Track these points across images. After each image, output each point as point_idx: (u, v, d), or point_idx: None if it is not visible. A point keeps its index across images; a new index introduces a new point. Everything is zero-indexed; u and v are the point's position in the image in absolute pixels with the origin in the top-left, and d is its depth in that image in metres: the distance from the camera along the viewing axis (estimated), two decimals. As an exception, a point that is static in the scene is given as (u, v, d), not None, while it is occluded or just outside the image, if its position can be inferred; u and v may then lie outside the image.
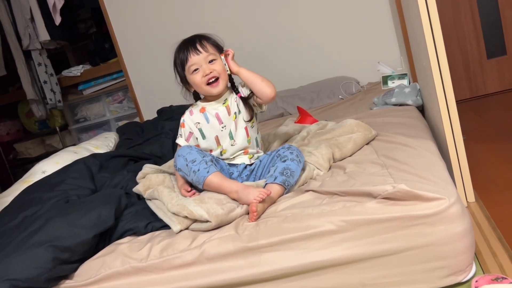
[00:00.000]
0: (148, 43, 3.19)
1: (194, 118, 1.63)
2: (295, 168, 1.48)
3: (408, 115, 2.00)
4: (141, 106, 3.34)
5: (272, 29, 3.03)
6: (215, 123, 1.60)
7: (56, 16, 3.25)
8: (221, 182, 1.46)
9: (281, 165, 1.48)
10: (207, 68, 1.54)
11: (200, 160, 1.49)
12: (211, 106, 1.61)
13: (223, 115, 1.60)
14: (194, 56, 1.54)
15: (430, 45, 1.54)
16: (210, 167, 1.48)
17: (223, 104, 1.61)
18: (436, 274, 1.19)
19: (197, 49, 1.54)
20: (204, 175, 1.46)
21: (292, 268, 1.25)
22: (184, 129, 1.65)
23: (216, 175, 1.47)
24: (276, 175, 1.46)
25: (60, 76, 3.58)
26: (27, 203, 1.70)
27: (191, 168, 1.49)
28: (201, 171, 1.47)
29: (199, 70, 1.54)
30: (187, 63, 1.55)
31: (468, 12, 2.84)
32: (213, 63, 1.55)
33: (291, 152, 1.51)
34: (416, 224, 1.17)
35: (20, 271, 1.28)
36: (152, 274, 1.33)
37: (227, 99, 1.61)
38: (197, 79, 1.54)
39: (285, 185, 1.45)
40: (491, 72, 2.90)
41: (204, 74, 1.53)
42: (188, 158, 1.50)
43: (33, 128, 3.87)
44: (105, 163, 1.98)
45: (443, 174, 1.33)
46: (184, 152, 1.52)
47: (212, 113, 1.60)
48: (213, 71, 1.54)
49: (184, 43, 1.58)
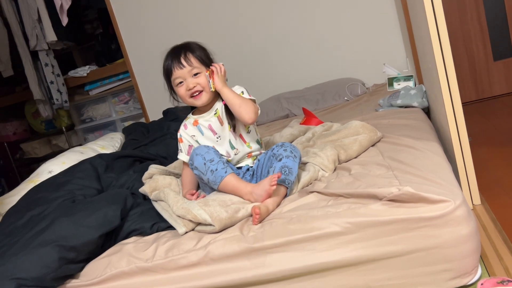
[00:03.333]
0: (154, 44, 3.20)
1: (189, 131, 1.64)
2: (292, 165, 1.47)
3: (414, 117, 1.99)
4: (147, 107, 3.35)
5: (278, 30, 3.03)
6: (210, 134, 1.61)
7: (63, 17, 3.27)
8: (238, 183, 1.46)
9: (278, 164, 1.47)
10: (191, 82, 1.54)
11: (218, 160, 1.49)
12: (203, 118, 1.62)
13: (216, 126, 1.60)
14: (178, 70, 1.54)
15: (436, 47, 1.54)
16: (227, 168, 1.48)
17: (214, 115, 1.61)
18: (441, 276, 1.19)
19: (181, 63, 1.54)
20: (222, 175, 1.46)
21: (297, 269, 1.25)
22: (183, 144, 1.65)
23: (233, 176, 1.47)
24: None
25: (67, 76, 3.60)
26: (33, 202, 1.71)
27: (209, 167, 1.48)
28: (219, 171, 1.46)
29: (183, 84, 1.55)
30: (171, 75, 1.56)
31: (474, 13, 2.83)
32: (197, 77, 1.55)
33: (285, 150, 1.51)
34: (422, 226, 1.17)
35: (27, 270, 1.28)
36: (158, 274, 1.33)
37: (217, 108, 1.61)
38: (181, 92, 1.56)
39: (286, 183, 1.45)
40: (497, 74, 2.89)
41: (187, 88, 1.54)
42: (207, 157, 1.49)
43: (39, 128, 3.89)
44: (111, 164, 1.99)
45: (449, 176, 1.33)
46: (203, 151, 1.51)
47: (205, 125, 1.61)
48: (196, 85, 1.54)
49: (170, 54, 1.58)
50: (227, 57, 1.57)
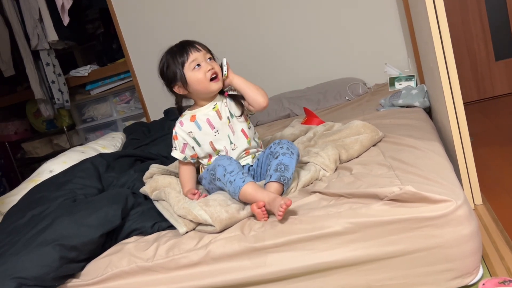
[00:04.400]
0: (155, 44, 3.17)
1: (186, 128, 1.61)
2: (288, 162, 1.46)
3: (415, 116, 1.99)
4: (148, 106, 3.35)
5: (279, 30, 3.03)
6: (207, 129, 1.59)
7: (64, 17, 3.27)
8: (255, 193, 1.39)
9: (274, 162, 1.47)
10: (208, 65, 1.54)
11: (238, 171, 1.46)
12: (201, 112, 1.61)
13: (214, 120, 1.60)
14: (195, 53, 1.54)
15: (437, 47, 1.54)
16: (246, 177, 1.44)
17: (213, 109, 1.60)
18: (443, 276, 1.19)
19: (196, 47, 1.56)
20: (239, 185, 1.42)
21: (298, 269, 1.25)
22: (178, 141, 1.63)
23: (251, 185, 1.41)
24: (271, 173, 1.45)
25: (68, 76, 3.60)
26: (34, 202, 1.71)
27: (228, 179, 1.45)
28: (237, 181, 1.43)
29: (201, 67, 1.54)
30: (187, 59, 1.54)
31: (476, 13, 2.83)
32: (212, 62, 1.56)
33: (281, 147, 1.50)
34: (423, 226, 1.16)
35: (28, 270, 1.28)
36: (158, 273, 1.33)
37: (217, 103, 1.61)
38: (200, 75, 1.53)
39: (281, 180, 1.43)
40: (499, 74, 2.88)
41: (207, 70, 1.53)
42: (228, 169, 1.47)
43: (40, 127, 3.90)
44: (112, 163, 1.99)
45: (450, 176, 1.33)
46: (225, 162, 1.48)
47: (203, 119, 1.60)
48: (213, 68, 1.55)
49: (179, 46, 1.58)
50: (228, 57, 1.57)
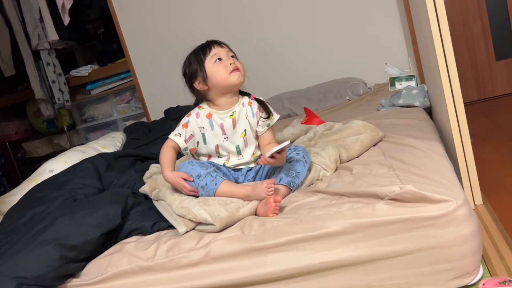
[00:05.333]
0: (156, 44, 3.20)
1: (200, 122, 1.59)
2: (300, 169, 1.48)
3: (416, 116, 1.99)
4: (148, 106, 3.35)
5: (279, 30, 3.03)
6: (219, 132, 1.58)
7: (64, 16, 3.27)
8: (232, 190, 1.45)
9: (287, 166, 1.48)
10: (229, 59, 1.55)
11: (205, 173, 1.47)
12: (217, 114, 1.58)
13: (228, 127, 1.58)
14: (218, 48, 1.56)
15: (438, 47, 1.53)
16: (217, 178, 1.46)
17: (230, 116, 1.58)
18: (443, 276, 1.19)
19: (221, 43, 1.58)
20: (213, 188, 1.45)
21: (298, 268, 1.25)
22: (187, 130, 1.59)
23: (224, 185, 1.45)
24: (282, 176, 1.46)
25: (68, 76, 3.61)
26: (35, 201, 1.71)
27: (198, 184, 1.47)
28: (209, 184, 1.45)
29: (222, 60, 1.54)
30: (209, 53, 1.55)
31: (476, 13, 2.83)
32: (235, 59, 1.57)
33: (297, 153, 1.51)
34: (423, 226, 1.16)
35: (28, 269, 1.28)
36: (158, 273, 1.33)
37: (235, 111, 1.58)
38: (221, 68, 1.53)
39: (290, 186, 1.46)
40: (499, 74, 2.88)
41: (228, 64, 1.53)
42: (193, 174, 1.48)
43: (41, 127, 3.90)
44: (112, 163, 1.99)
45: (451, 176, 1.32)
46: (187, 169, 1.49)
47: (217, 122, 1.58)
48: (234, 63, 1.54)
49: (202, 44, 1.60)
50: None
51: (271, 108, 1.62)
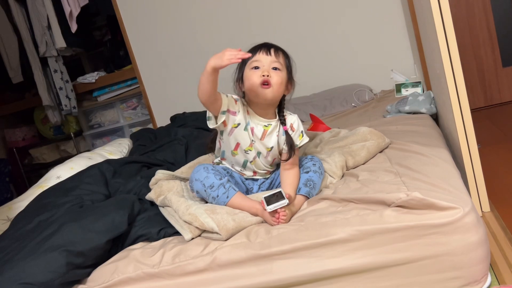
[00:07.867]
0: (162, 51, 3.21)
1: (241, 110, 1.50)
2: (317, 180, 1.49)
3: (422, 123, 1.98)
4: (155, 113, 3.36)
5: (285, 36, 3.03)
6: (248, 133, 1.52)
7: (72, 24, 3.30)
8: (242, 206, 1.43)
9: (304, 176, 1.49)
10: (267, 71, 1.45)
11: (218, 184, 1.45)
12: (252, 118, 1.52)
13: (257, 134, 1.52)
14: (263, 55, 1.47)
15: (444, 53, 1.53)
16: (229, 190, 1.44)
17: (264, 126, 1.52)
18: (450, 284, 1.18)
19: (269, 51, 1.49)
20: (224, 201, 1.44)
21: (304, 276, 1.24)
22: (232, 105, 1.48)
23: (236, 198, 1.44)
24: (300, 186, 1.47)
25: (76, 82, 3.63)
26: (41, 207, 1.72)
27: (209, 194, 1.46)
28: (220, 197, 1.44)
29: (259, 69, 1.46)
30: (252, 58, 1.47)
31: (483, 19, 2.82)
32: (275, 72, 1.46)
33: (314, 164, 1.52)
34: (430, 234, 1.16)
35: (34, 275, 1.29)
36: (164, 280, 1.33)
37: (271, 125, 1.53)
38: (254, 77, 1.45)
39: (309, 196, 1.47)
40: (506, 80, 2.87)
41: (262, 74, 1.44)
42: (206, 183, 1.46)
43: (48, 133, 3.92)
44: (118, 169, 1.99)
45: (458, 183, 1.32)
46: (201, 176, 1.48)
47: (251, 125, 1.52)
48: (270, 78, 1.44)
49: (256, 45, 1.52)
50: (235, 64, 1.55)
51: (302, 133, 1.56)
